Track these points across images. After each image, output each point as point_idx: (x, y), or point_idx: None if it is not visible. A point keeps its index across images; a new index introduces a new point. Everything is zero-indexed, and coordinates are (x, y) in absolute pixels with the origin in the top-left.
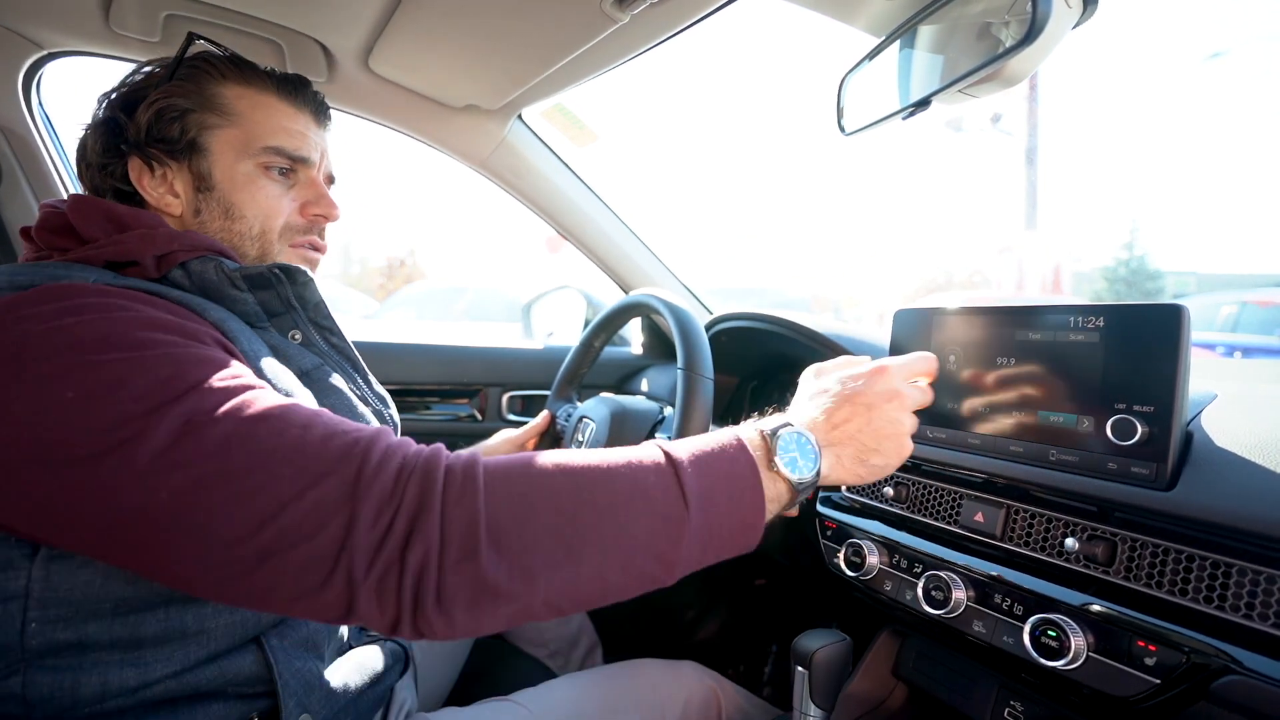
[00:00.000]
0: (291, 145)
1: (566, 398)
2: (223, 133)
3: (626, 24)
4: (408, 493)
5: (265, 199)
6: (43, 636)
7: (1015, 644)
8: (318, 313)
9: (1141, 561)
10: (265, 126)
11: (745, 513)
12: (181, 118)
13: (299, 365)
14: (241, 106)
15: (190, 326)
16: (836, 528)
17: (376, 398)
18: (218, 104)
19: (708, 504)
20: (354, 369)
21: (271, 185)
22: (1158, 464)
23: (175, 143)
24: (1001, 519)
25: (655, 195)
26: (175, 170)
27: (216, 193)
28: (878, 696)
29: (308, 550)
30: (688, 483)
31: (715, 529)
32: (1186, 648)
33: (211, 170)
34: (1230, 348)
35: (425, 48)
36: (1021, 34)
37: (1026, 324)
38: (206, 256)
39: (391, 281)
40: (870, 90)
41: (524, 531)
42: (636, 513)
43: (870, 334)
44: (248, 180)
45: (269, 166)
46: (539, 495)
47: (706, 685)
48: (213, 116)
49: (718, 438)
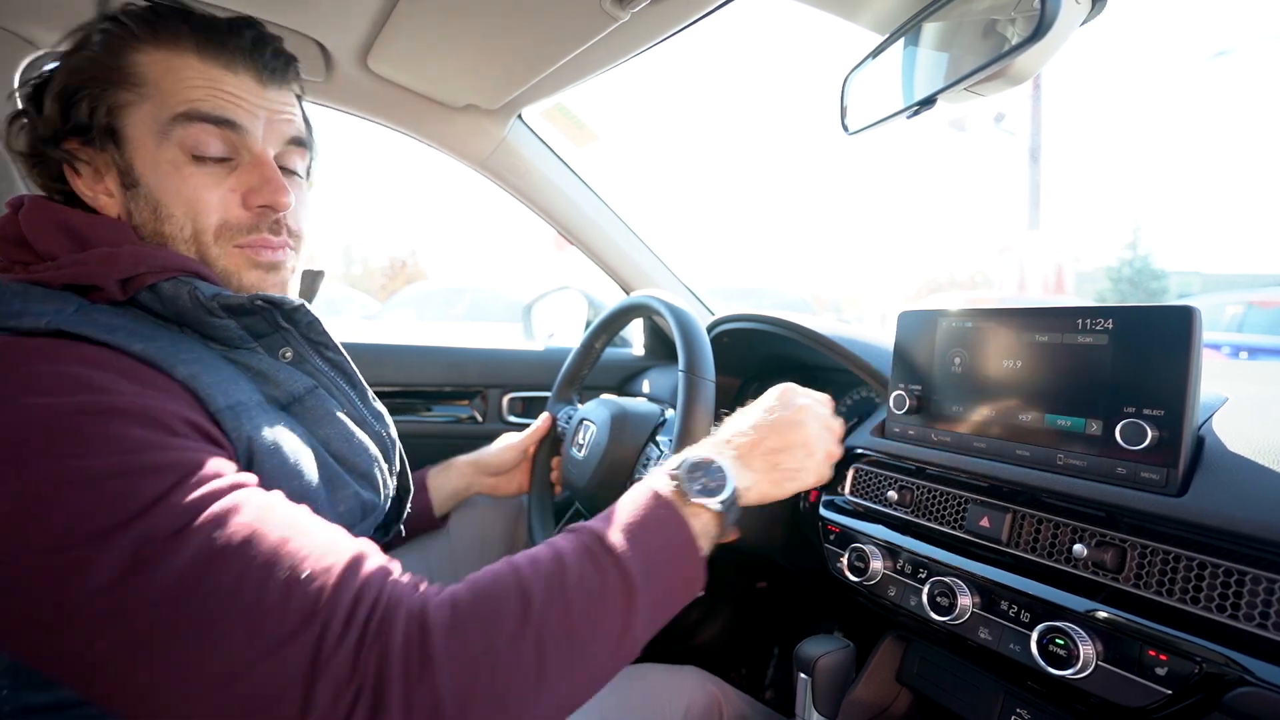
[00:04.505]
0: (213, 108)
1: (567, 399)
2: (136, 111)
3: (627, 22)
4: (368, 670)
5: (192, 190)
6: (17, 701)
7: (1022, 652)
8: (311, 330)
9: (1152, 568)
10: (178, 92)
11: (687, 569)
12: (88, 96)
13: (290, 390)
14: (154, 73)
15: (154, 406)
16: (840, 532)
17: (374, 416)
18: (126, 75)
19: (653, 579)
20: (351, 386)
21: (199, 173)
22: (1168, 469)
23: (88, 129)
24: (1008, 524)
25: (656, 195)
26: (102, 165)
27: (142, 188)
28: (881, 703)
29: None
30: (632, 569)
31: (664, 597)
32: (1199, 657)
33: (133, 160)
34: (1236, 348)
35: (424, 47)
36: (1029, 31)
37: (1033, 326)
38: (179, 279)
39: (393, 282)
40: (874, 89)
41: (489, 691)
42: (594, 626)
43: (872, 335)
44: (172, 168)
45: (198, 153)
46: (500, 647)
47: (708, 690)
48: (123, 91)
49: (640, 501)
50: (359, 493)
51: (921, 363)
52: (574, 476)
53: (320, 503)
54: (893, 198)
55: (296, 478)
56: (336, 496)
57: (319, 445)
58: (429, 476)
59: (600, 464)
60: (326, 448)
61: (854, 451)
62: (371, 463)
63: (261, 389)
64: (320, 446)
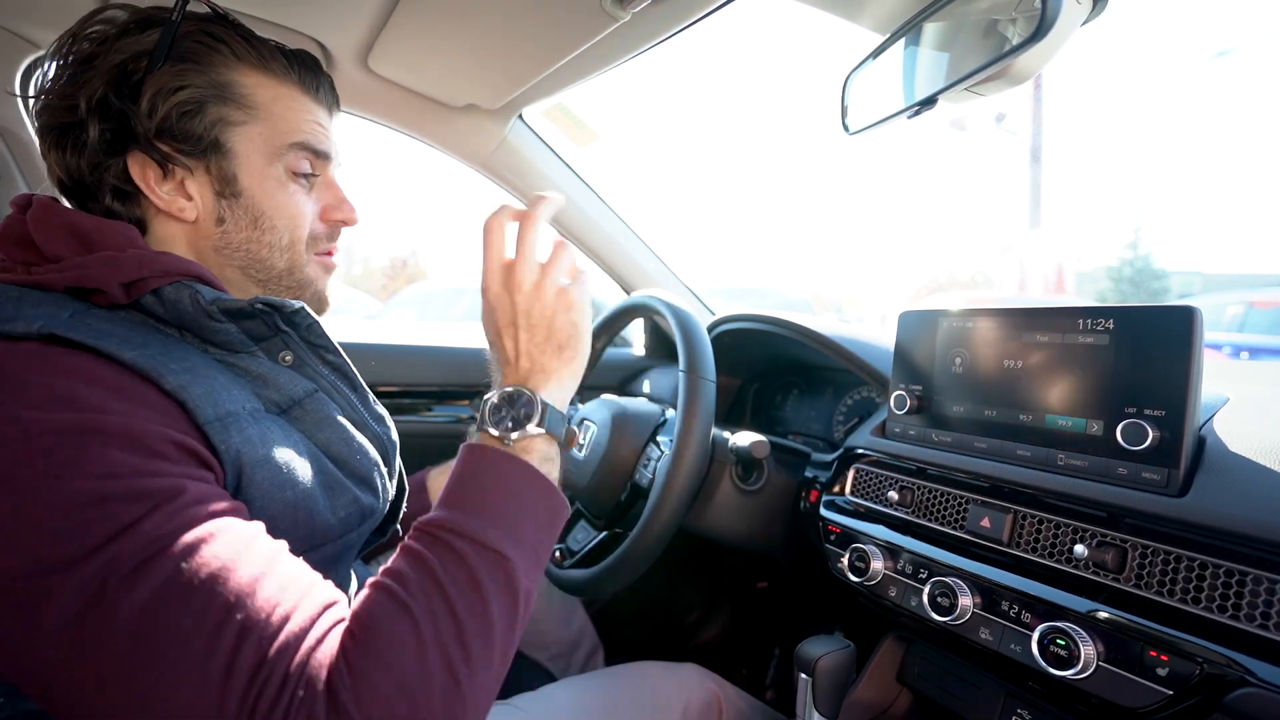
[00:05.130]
0: (318, 141)
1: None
2: (246, 130)
3: (627, 22)
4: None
5: (294, 206)
6: (12, 709)
7: (1023, 652)
8: (311, 333)
9: (1153, 569)
10: (291, 123)
11: (544, 504)
12: (201, 111)
13: (289, 394)
14: (263, 98)
15: (137, 426)
16: (840, 532)
17: (375, 419)
18: (236, 95)
19: (517, 535)
20: (352, 389)
21: (299, 191)
22: (1169, 469)
23: (197, 141)
24: (1009, 524)
25: (656, 195)
26: (193, 171)
27: (244, 200)
28: (882, 703)
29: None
30: (490, 539)
31: (536, 540)
32: (1200, 658)
33: (238, 174)
34: (1237, 348)
35: (425, 47)
36: (1030, 30)
37: (1034, 326)
38: (182, 283)
39: (394, 282)
40: (875, 88)
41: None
42: (485, 611)
43: (872, 335)
44: (278, 186)
45: (296, 170)
46: (409, 680)
47: (708, 689)
48: (232, 110)
49: (470, 464)
50: (359, 497)
51: (922, 363)
52: (574, 476)
53: (318, 508)
54: (894, 198)
55: (291, 486)
56: (336, 502)
57: (318, 450)
58: (429, 477)
59: (601, 464)
60: (326, 452)
61: (855, 451)
62: (372, 467)
63: (260, 393)
64: (319, 451)
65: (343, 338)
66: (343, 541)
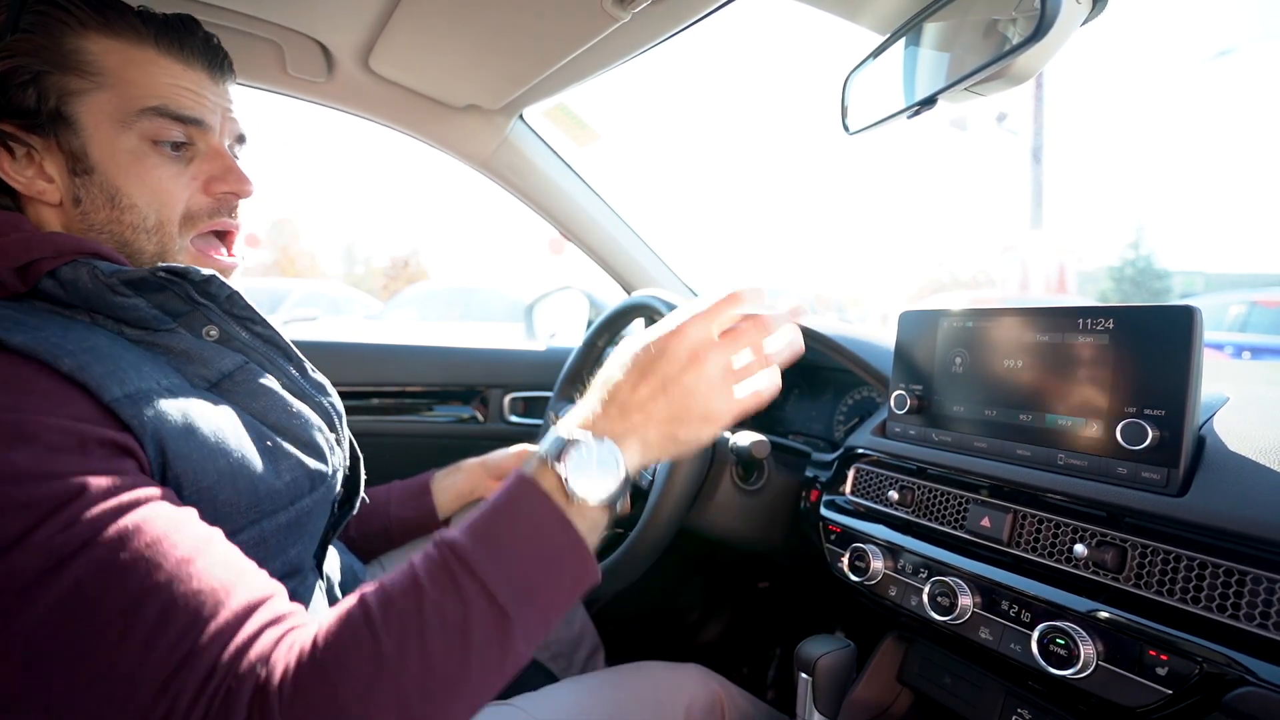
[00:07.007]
0: (181, 106)
1: (569, 399)
2: (91, 99)
3: (628, 22)
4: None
5: (158, 181)
6: None
7: (1023, 651)
8: (232, 304)
9: (1153, 568)
10: (144, 87)
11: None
12: (36, 81)
13: (218, 369)
14: (111, 63)
15: (29, 420)
16: (840, 531)
17: (315, 387)
18: (79, 62)
19: (529, 598)
20: (286, 358)
21: (165, 163)
22: (1169, 469)
23: (34, 114)
24: (1009, 524)
25: (657, 195)
26: (42, 149)
27: (97, 176)
28: (882, 703)
29: None
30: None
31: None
32: (1199, 657)
33: (86, 148)
34: (1239, 348)
35: (425, 47)
36: (1030, 30)
37: (1035, 325)
38: (78, 260)
39: (395, 282)
40: (875, 88)
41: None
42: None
43: (873, 335)
44: (133, 158)
45: (158, 140)
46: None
47: (710, 688)
48: (75, 79)
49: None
50: (303, 461)
51: (923, 363)
52: None
53: (259, 475)
54: (895, 197)
55: (224, 455)
56: (280, 467)
57: (253, 419)
58: (435, 479)
59: None
60: (263, 420)
61: (855, 451)
62: (313, 430)
63: (184, 370)
64: (255, 420)
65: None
66: (296, 508)
